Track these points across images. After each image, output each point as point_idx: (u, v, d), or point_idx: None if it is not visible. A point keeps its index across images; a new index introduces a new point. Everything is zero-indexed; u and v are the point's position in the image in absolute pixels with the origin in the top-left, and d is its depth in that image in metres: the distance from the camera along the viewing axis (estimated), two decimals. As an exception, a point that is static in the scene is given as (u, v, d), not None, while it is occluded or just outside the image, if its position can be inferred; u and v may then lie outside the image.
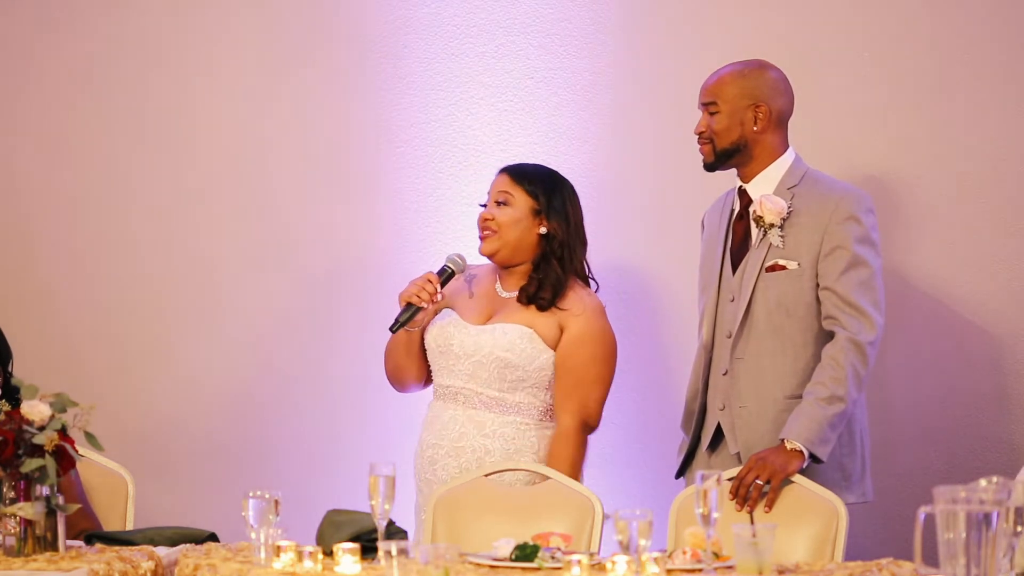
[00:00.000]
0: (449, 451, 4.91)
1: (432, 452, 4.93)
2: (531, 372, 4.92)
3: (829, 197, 4.71)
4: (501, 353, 4.89)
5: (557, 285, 4.97)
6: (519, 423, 4.92)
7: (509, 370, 4.90)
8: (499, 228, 4.98)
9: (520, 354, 4.90)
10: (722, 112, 4.76)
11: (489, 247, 5.00)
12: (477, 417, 4.91)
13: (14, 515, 4.05)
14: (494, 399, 4.91)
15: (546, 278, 4.98)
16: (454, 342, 4.94)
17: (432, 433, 4.95)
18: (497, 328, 4.93)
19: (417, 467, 5.00)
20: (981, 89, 5.27)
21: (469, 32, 5.74)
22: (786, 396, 4.68)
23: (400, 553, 3.49)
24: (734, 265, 4.79)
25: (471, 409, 4.92)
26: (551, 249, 5.00)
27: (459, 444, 4.90)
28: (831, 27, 5.40)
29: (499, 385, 4.91)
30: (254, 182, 5.91)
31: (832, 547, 4.38)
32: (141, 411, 5.95)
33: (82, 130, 6.02)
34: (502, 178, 5.06)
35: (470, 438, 4.90)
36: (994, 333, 5.25)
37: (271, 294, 5.89)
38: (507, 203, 5.00)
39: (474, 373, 4.91)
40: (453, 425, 4.92)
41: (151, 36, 5.98)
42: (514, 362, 4.90)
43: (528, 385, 4.92)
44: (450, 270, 4.96)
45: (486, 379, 4.91)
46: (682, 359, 5.22)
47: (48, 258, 6.04)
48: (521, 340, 4.91)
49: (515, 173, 5.06)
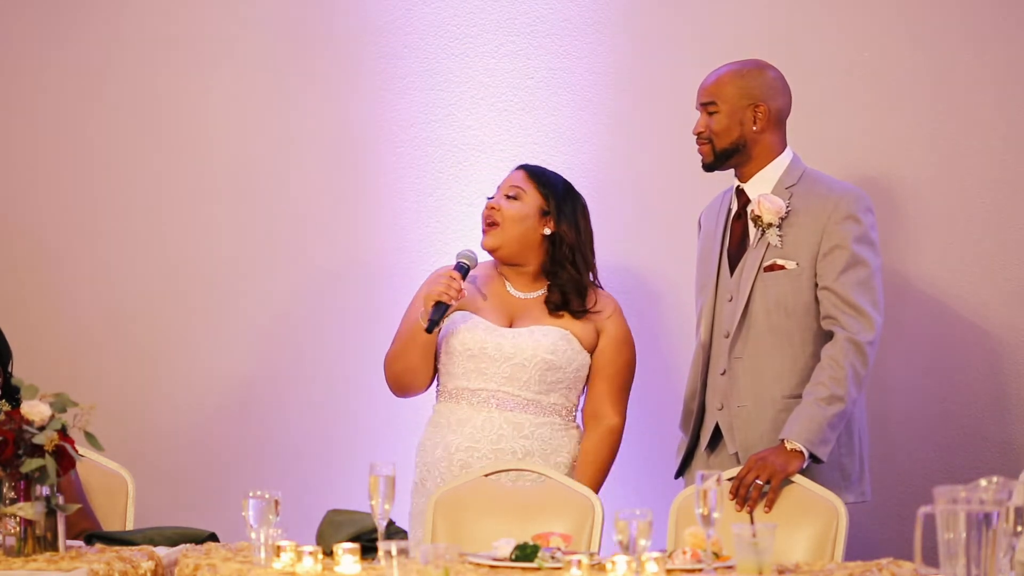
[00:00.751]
0: (487, 454, 4.88)
1: (465, 456, 4.88)
2: (569, 374, 4.94)
3: (828, 196, 4.71)
4: (546, 355, 4.90)
5: (580, 288, 4.98)
6: (555, 424, 4.93)
7: (551, 372, 4.91)
8: (503, 220, 4.98)
9: (562, 356, 4.92)
10: (721, 112, 4.76)
11: (492, 240, 4.99)
12: (514, 419, 4.90)
13: (14, 515, 4.05)
14: (531, 401, 4.91)
15: (565, 284, 4.98)
16: (488, 345, 4.91)
17: (463, 436, 4.90)
18: (537, 330, 4.93)
19: (439, 472, 4.92)
20: (981, 89, 5.26)
21: (469, 32, 5.74)
22: (784, 396, 4.68)
23: (400, 553, 3.50)
24: (732, 265, 4.79)
25: (507, 411, 4.90)
26: (561, 253, 4.99)
27: (498, 446, 4.88)
28: (831, 27, 5.40)
29: (538, 387, 4.91)
30: (254, 183, 5.91)
31: (832, 547, 4.38)
32: (141, 411, 5.95)
33: (82, 130, 6.02)
34: (518, 173, 5.06)
35: (509, 440, 4.89)
36: (994, 333, 5.25)
37: (271, 294, 5.89)
38: (517, 198, 4.99)
39: (512, 375, 4.90)
40: (489, 427, 4.90)
41: (151, 36, 5.98)
42: (557, 363, 4.91)
43: (564, 387, 4.94)
44: (466, 266, 4.92)
45: (525, 381, 4.90)
46: (680, 359, 5.22)
47: (48, 258, 6.04)
48: (562, 342, 4.92)
49: (532, 171, 5.06)
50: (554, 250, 5.01)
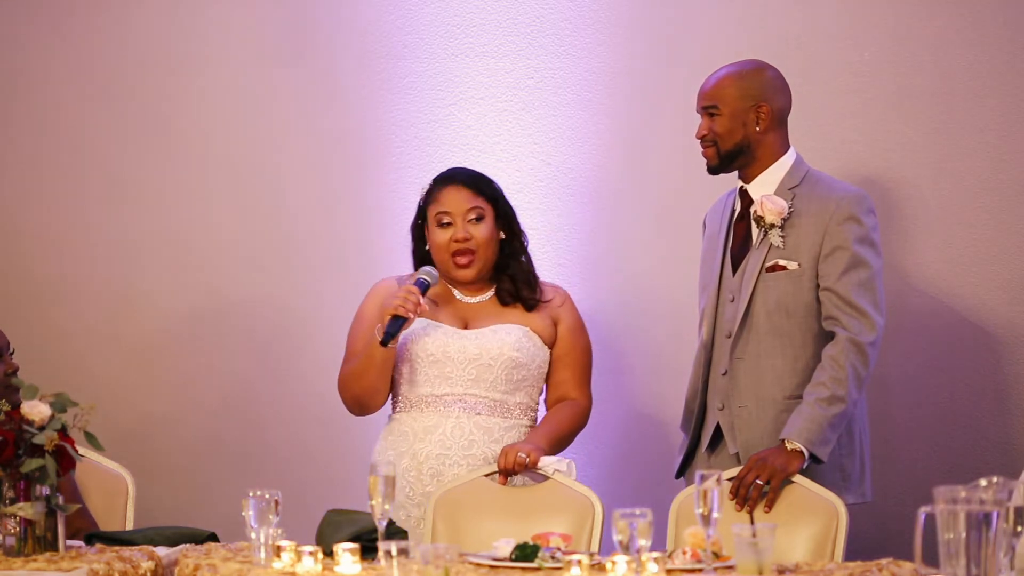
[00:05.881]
0: (458, 461, 4.83)
1: (436, 464, 4.82)
2: (533, 370, 4.91)
3: (830, 198, 4.70)
4: (512, 353, 4.87)
5: (530, 279, 4.97)
6: (522, 426, 4.91)
7: (517, 369, 4.88)
8: (478, 247, 4.91)
9: (526, 353, 4.89)
10: (724, 115, 4.75)
11: (474, 271, 4.93)
12: (484, 423, 4.86)
13: (14, 515, 4.05)
14: (498, 402, 4.88)
15: (517, 274, 4.96)
16: (451, 348, 4.87)
17: (433, 444, 4.85)
18: (499, 329, 4.91)
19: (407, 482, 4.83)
20: (981, 89, 5.26)
21: (469, 32, 5.74)
22: (785, 396, 4.68)
23: (400, 553, 3.50)
24: (734, 265, 4.79)
25: (475, 415, 4.86)
26: (511, 248, 4.98)
27: (470, 452, 4.83)
28: (831, 27, 5.39)
29: (504, 387, 4.88)
30: (254, 182, 5.91)
31: (832, 547, 4.38)
32: (141, 411, 5.95)
33: (82, 130, 6.02)
34: (463, 192, 4.95)
35: (480, 445, 4.84)
36: (994, 333, 5.25)
37: (271, 294, 5.89)
38: (481, 219, 4.92)
39: (478, 377, 4.87)
40: (459, 434, 4.85)
41: (151, 36, 5.98)
42: (522, 360, 4.88)
43: (528, 385, 4.91)
44: (426, 283, 4.86)
45: (491, 381, 4.87)
46: (681, 359, 5.22)
47: (48, 258, 6.04)
48: (525, 339, 4.90)
49: (471, 183, 4.96)
50: (503, 247, 4.98)
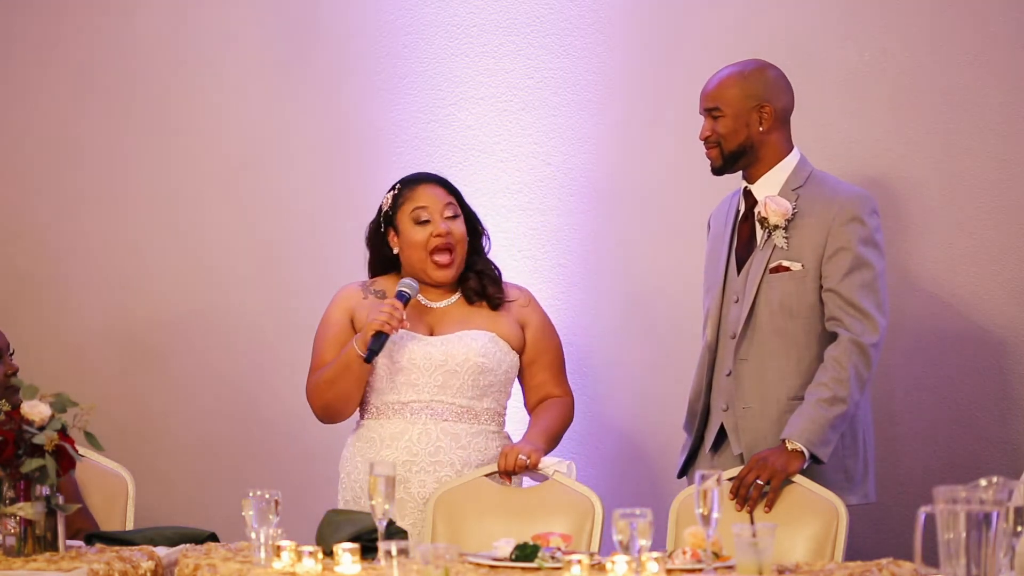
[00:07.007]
0: (425, 467, 4.79)
1: (403, 471, 4.75)
2: (500, 376, 4.87)
3: (833, 199, 4.70)
4: (477, 359, 4.83)
5: (495, 277, 4.97)
6: (489, 432, 4.87)
7: (483, 375, 4.84)
8: (456, 244, 4.90)
9: (492, 358, 4.86)
10: (727, 115, 4.74)
11: (454, 271, 4.91)
12: (451, 429, 4.82)
13: (14, 515, 4.05)
14: (465, 408, 4.84)
15: (483, 271, 4.95)
16: (417, 356, 4.82)
17: (400, 451, 4.80)
18: (465, 335, 4.86)
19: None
20: (982, 89, 5.26)
21: (469, 32, 5.74)
22: (789, 397, 4.68)
23: (400, 553, 3.50)
24: (739, 266, 4.79)
25: (443, 421, 4.82)
26: (477, 247, 4.97)
27: (436, 458, 4.79)
28: (831, 27, 5.39)
29: (471, 392, 4.84)
30: (254, 182, 5.91)
31: (832, 547, 4.38)
32: (141, 411, 5.95)
33: (82, 130, 6.02)
34: (438, 189, 4.94)
35: (447, 451, 4.80)
36: (995, 334, 5.25)
37: (271, 294, 5.89)
38: (457, 216, 4.92)
39: (445, 383, 4.82)
40: (426, 440, 4.80)
41: (151, 36, 5.98)
42: (488, 366, 4.84)
43: (495, 390, 4.88)
44: (407, 295, 4.82)
45: (458, 387, 4.83)
46: (682, 359, 5.22)
47: (48, 258, 6.04)
48: (491, 344, 4.86)
49: (442, 182, 4.97)
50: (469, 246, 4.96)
